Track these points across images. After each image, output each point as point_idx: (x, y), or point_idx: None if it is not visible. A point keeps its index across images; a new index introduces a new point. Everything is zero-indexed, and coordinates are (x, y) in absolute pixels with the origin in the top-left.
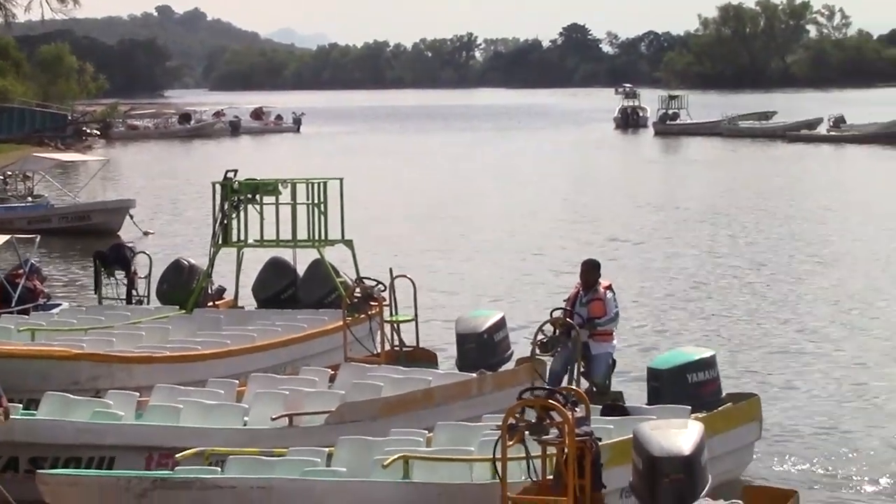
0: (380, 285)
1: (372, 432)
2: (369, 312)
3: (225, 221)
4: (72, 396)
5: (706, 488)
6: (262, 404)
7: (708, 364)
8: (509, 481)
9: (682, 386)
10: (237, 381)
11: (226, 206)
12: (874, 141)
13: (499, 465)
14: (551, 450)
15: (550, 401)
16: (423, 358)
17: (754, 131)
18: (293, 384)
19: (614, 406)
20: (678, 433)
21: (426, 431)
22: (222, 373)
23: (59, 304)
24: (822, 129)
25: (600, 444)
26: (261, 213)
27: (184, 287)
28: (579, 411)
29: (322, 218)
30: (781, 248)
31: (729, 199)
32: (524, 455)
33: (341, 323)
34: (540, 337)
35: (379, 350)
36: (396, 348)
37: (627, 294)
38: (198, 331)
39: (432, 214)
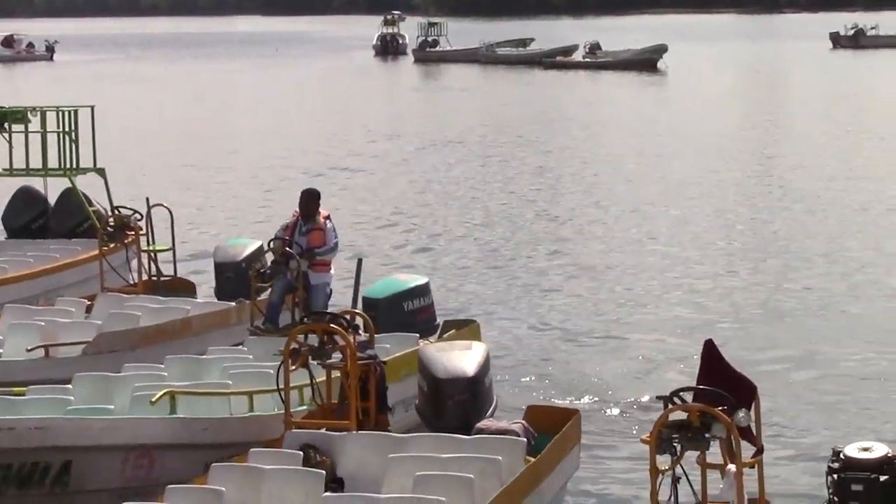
0: (136, 214)
1: (131, 362)
2: (125, 242)
3: None
4: None
5: (492, 408)
6: (17, 336)
7: (422, 291)
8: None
9: (398, 314)
10: None
11: None
12: (627, 67)
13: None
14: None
15: (332, 325)
16: (181, 287)
17: (511, 58)
18: (49, 315)
19: None
20: (462, 355)
21: (161, 365)
22: None
23: None
24: (578, 56)
25: None
26: (9, 142)
27: None
28: (362, 335)
29: (73, 146)
30: (513, 173)
31: (474, 126)
32: (308, 380)
33: (95, 252)
34: (258, 266)
35: (136, 280)
36: (154, 278)
37: (346, 221)
38: None
39: (189, 143)
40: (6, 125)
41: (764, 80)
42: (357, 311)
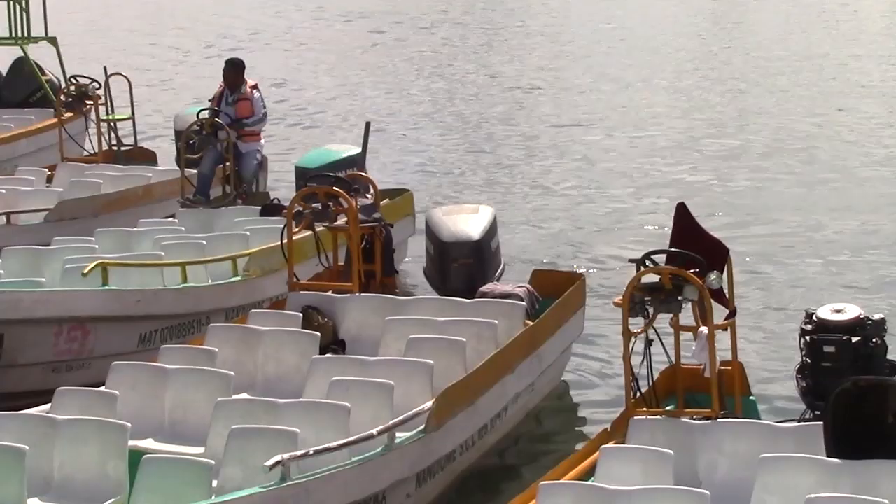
0: (94, 83)
1: (93, 229)
2: (84, 110)
3: None
4: None
5: (498, 272)
6: None
7: (356, 161)
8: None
9: None
10: None
11: None
12: None
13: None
14: None
15: (335, 188)
16: (141, 156)
17: None
18: (9, 184)
19: (273, 206)
20: (468, 219)
21: (92, 238)
22: None
23: None
24: None
25: None
26: None
27: None
28: (367, 199)
29: (24, 15)
30: (464, 48)
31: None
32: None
33: (52, 122)
34: (187, 138)
35: (96, 149)
36: (114, 147)
37: (277, 93)
38: None
39: (142, 12)
40: None
41: None
42: (363, 174)
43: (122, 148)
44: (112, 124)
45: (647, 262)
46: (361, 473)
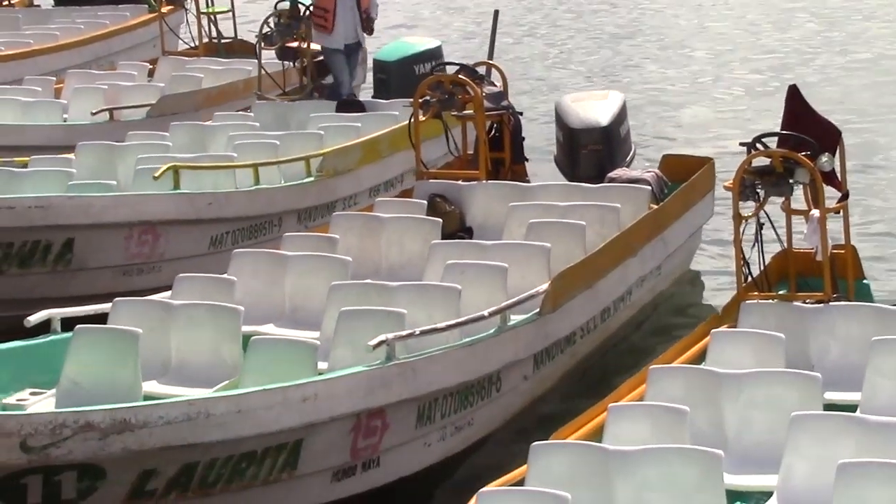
0: None
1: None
2: (183, 4)
3: None
4: None
5: (628, 158)
6: (82, 100)
7: (435, 55)
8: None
9: (409, 77)
10: (54, 78)
11: None
12: None
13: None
14: None
15: (460, 76)
16: (242, 49)
17: None
18: (111, 79)
19: (350, 101)
20: (597, 105)
21: (166, 133)
22: (32, 73)
23: None
24: None
25: None
26: None
27: None
28: (495, 87)
29: None
30: None
31: None
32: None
33: (149, 17)
34: (266, 30)
35: (196, 43)
36: (214, 40)
37: None
38: None
39: None
40: None
41: None
42: (492, 62)
43: (223, 41)
44: (212, 17)
45: (758, 145)
46: (471, 354)
